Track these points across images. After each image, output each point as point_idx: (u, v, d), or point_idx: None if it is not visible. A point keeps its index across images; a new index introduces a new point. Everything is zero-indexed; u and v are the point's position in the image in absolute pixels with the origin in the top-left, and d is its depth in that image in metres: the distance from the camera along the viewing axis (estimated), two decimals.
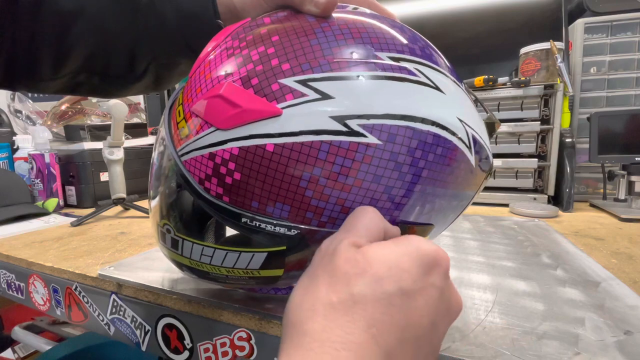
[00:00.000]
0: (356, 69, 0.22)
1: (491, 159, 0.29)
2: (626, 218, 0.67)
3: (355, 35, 0.23)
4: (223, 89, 0.22)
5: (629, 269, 0.43)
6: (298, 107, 0.21)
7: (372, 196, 0.22)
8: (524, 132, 0.80)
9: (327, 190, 0.22)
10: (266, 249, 0.24)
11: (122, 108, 0.76)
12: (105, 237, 0.63)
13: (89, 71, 0.38)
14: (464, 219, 0.68)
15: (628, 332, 0.29)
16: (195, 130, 0.23)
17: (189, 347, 0.38)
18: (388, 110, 0.21)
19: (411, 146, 0.22)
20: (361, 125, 0.21)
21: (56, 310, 0.51)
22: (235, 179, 0.22)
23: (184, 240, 0.27)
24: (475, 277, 0.41)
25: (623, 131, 0.76)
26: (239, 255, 0.25)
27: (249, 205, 0.23)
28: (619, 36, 0.83)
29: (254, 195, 0.22)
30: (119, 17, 0.37)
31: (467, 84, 0.82)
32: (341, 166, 0.21)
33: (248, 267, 0.26)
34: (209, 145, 0.23)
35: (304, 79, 0.21)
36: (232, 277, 0.28)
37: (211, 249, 0.26)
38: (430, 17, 1.07)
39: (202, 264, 0.28)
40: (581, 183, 0.87)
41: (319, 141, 0.21)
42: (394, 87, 0.22)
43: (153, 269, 0.45)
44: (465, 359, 0.26)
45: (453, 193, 0.26)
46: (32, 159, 0.89)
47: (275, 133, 0.21)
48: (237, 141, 0.22)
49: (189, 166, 0.24)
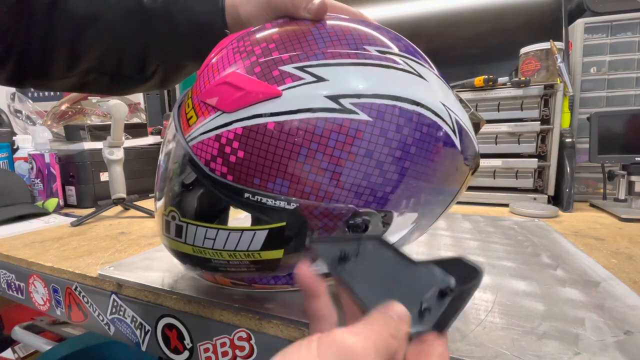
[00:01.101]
0: (347, 57, 0.25)
1: (477, 147, 0.30)
2: (626, 218, 0.67)
3: (347, 32, 0.26)
4: (229, 77, 0.24)
5: (629, 269, 0.43)
6: (296, 88, 0.23)
7: (365, 170, 0.24)
8: (524, 132, 0.80)
9: (323, 164, 0.24)
10: (267, 226, 0.25)
11: (122, 108, 0.76)
12: (105, 237, 0.63)
13: (100, 71, 0.40)
14: (464, 219, 0.68)
15: (628, 332, 0.29)
16: (202, 116, 0.26)
17: (189, 347, 0.38)
18: (376, 91, 0.24)
19: (399, 123, 0.24)
20: (353, 104, 0.23)
21: (56, 310, 0.51)
22: (238, 157, 0.24)
23: (188, 225, 0.28)
24: None
25: (623, 131, 0.76)
26: (241, 235, 0.26)
27: (251, 182, 0.25)
28: (619, 36, 0.83)
29: (256, 172, 0.24)
30: (131, 24, 0.38)
31: (467, 84, 0.83)
32: (336, 141, 0.23)
33: (249, 248, 0.26)
34: (215, 128, 0.25)
35: (301, 65, 0.24)
36: (234, 263, 0.28)
37: (214, 231, 0.27)
38: (430, 17, 1.07)
39: (204, 249, 0.28)
40: (581, 183, 0.88)
41: (315, 118, 0.23)
42: (381, 72, 0.25)
43: (153, 269, 0.45)
44: (465, 359, 0.26)
45: (440, 176, 0.27)
46: (32, 159, 0.89)
47: (276, 112, 0.23)
48: (241, 121, 0.24)
49: (196, 150, 0.26)
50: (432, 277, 0.22)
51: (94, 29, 0.37)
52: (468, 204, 0.84)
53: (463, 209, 0.80)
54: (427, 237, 0.56)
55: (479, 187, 0.86)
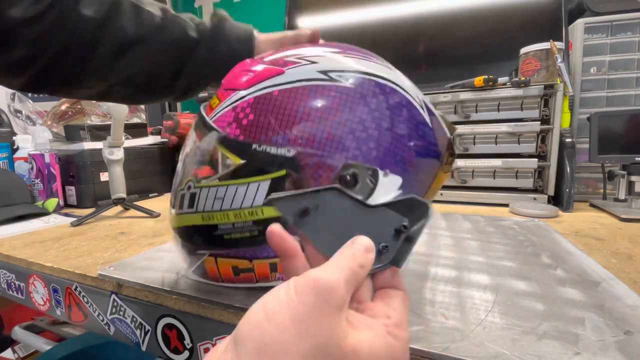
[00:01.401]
0: (335, 48, 0.33)
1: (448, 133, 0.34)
2: (626, 218, 0.67)
3: (333, 44, 0.35)
4: (245, 65, 0.33)
5: (629, 269, 0.43)
6: (295, 68, 0.31)
7: (350, 125, 0.29)
8: (524, 132, 0.80)
9: (317, 119, 0.29)
10: (269, 175, 0.29)
11: (122, 108, 0.76)
12: (105, 237, 0.63)
13: (127, 84, 0.42)
14: (464, 219, 0.68)
15: (628, 332, 0.29)
16: (223, 99, 0.32)
17: (189, 347, 0.38)
18: (356, 69, 0.31)
19: (375, 91, 0.30)
20: (338, 75, 0.30)
21: (56, 310, 0.51)
22: (249, 119, 0.30)
23: (202, 190, 0.32)
24: (475, 277, 0.41)
25: (623, 131, 0.76)
26: (247, 188, 0.30)
27: (258, 138, 0.30)
28: (619, 36, 0.83)
29: (262, 129, 0.29)
30: (173, 52, 0.41)
31: (467, 84, 0.83)
32: (325, 100, 0.29)
33: (253, 203, 0.30)
34: (232, 102, 0.31)
35: (300, 56, 0.32)
36: (238, 226, 0.31)
37: (223, 188, 0.31)
38: (430, 17, 1.07)
39: (212, 214, 0.31)
40: (581, 183, 0.88)
41: (309, 85, 0.29)
42: (360, 60, 0.32)
43: (153, 269, 0.45)
44: (465, 359, 0.26)
45: (415, 145, 0.30)
46: (32, 159, 0.89)
47: (280, 83, 0.30)
48: (253, 93, 0.30)
49: (216, 122, 0.32)
50: (388, 219, 0.26)
51: (137, 51, 0.39)
52: (468, 204, 0.84)
53: (463, 209, 0.80)
54: (427, 238, 0.56)
55: (479, 187, 0.86)
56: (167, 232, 0.65)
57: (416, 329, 0.30)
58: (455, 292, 0.37)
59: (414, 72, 1.07)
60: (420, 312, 0.33)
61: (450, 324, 0.31)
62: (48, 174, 0.89)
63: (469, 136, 0.85)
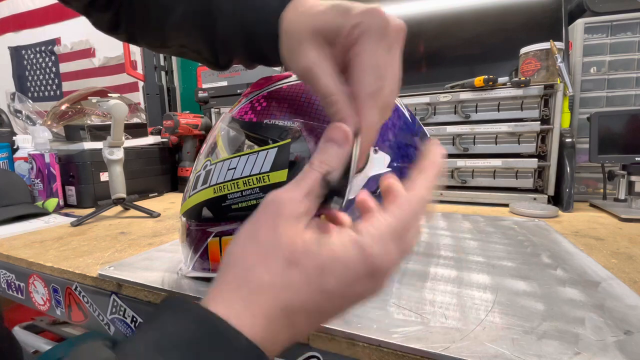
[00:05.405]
0: None
1: (427, 134, 0.39)
2: (626, 218, 0.67)
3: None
4: (262, 79, 0.39)
5: (629, 269, 0.43)
6: None
7: None
8: (524, 132, 0.80)
9: (316, 100, 0.33)
10: (276, 144, 0.33)
11: (122, 108, 0.76)
12: (105, 237, 0.63)
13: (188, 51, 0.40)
14: (464, 218, 0.68)
15: (628, 332, 0.29)
16: (242, 99, 0.38)
17: None
18: None
19: None
20: None
21: (56, 310, 0.51)
22: (263, 106, 0.35)
23: (217, 164, 0.36)
24: (475, 277, 0.41)
25: (623, 131, 0.76)
26: (257, 155, 0.33)
27: (269, 116, 0.35)
28: (619, 36, 0.83)
29: (272, 112, 0.35)
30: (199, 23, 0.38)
31: (467, 84, 0.83)
32: None
33: (261, 170, 0.33)
34: (249, 98, 0.37)
35: None
36: (246, 193, 0.33)
37: (236, 159, 0.34)
38: (430, 17, 1.07)
39: (224, 184, 0.34)
40: (581, 183, 0.88)
41: None
42: None
43: (153, 269, 0.45)
44: (465, 359, 0.26)
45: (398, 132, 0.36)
46: (32, 159, 0.89)
47: (289, 81, 0.37)
48: (267, 89, 0.37)
49: (237, 114, 0.37)
50: None
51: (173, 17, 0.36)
52: (468, 204, 0.84)
53: (463, 209, 0.80)
54: (427, 238, 0.56)
55: (479, 187, 0.86)
56: (167, 232, 0.65)
57: (416, 329, 0.30)
58: (455, 292, 0.37)
59: (414, 72, 1.08)
60: (420, 312, 0.33)
61: (450, 324, 0.31)
62: (48, 174, 0.89)
63: (469, 136, 0.85)
